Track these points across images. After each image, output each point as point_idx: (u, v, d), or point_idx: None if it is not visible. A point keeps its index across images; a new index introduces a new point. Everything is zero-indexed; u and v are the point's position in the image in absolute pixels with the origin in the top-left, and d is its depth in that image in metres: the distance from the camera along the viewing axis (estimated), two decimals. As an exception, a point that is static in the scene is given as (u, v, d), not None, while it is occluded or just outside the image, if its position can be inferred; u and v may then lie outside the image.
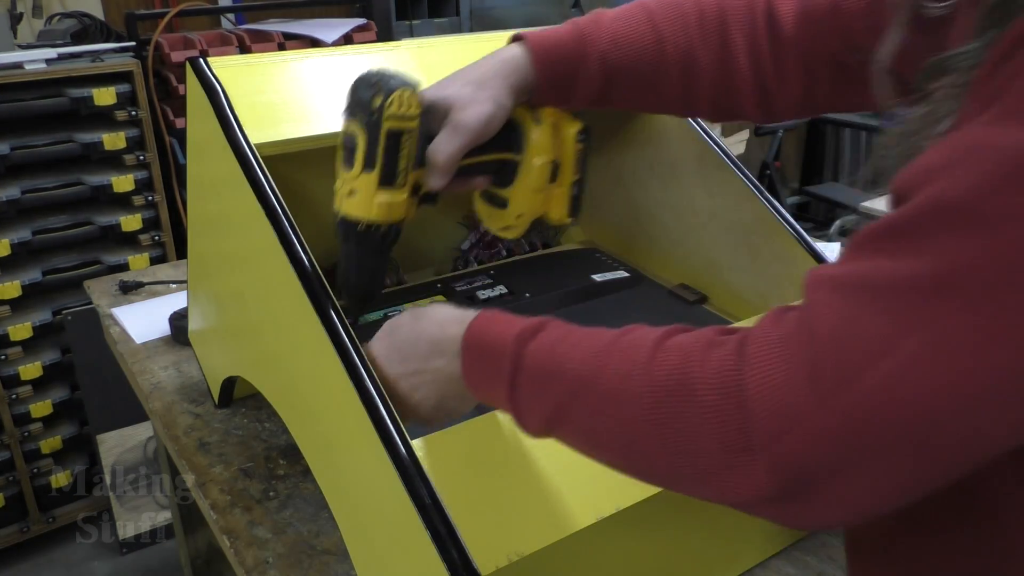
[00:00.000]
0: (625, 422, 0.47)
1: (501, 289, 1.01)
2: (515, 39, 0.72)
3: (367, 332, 0.90)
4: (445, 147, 0.67)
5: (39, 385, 1.99)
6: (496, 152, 0.71)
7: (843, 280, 0.40)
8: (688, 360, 0.44)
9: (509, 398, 0.54)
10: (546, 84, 0.70)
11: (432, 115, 0.68)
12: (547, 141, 0.72)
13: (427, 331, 0.62)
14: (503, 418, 0.67)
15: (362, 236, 0.68)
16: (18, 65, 1.85)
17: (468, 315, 0.60)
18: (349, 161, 0.67)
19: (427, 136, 0.68)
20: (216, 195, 0.87)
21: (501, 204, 0.75)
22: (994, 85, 0.38)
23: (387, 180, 0.66)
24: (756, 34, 0.71)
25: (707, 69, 0.71)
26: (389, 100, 0.64)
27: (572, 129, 0.73)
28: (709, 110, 0.76)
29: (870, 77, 0.54)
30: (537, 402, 0.53)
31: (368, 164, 0.65)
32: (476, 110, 0.67)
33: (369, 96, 0.64)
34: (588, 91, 0.72)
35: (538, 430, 0.55)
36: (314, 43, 2.20)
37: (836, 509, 0.41)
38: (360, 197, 0.67)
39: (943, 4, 0.50)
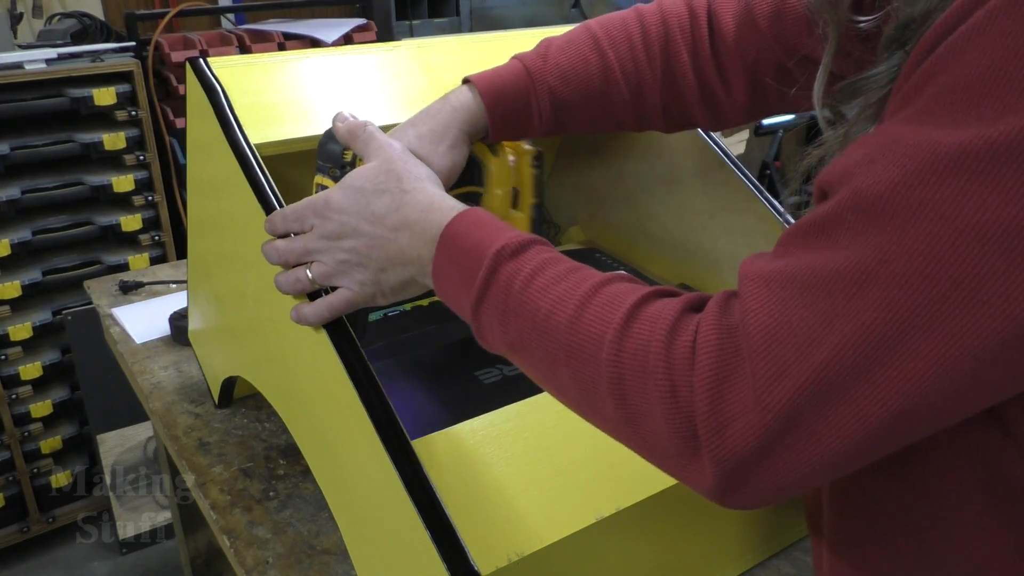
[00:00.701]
0: (588, 381, 0.48)
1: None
2: (465, 82, 0.73)
3: (368, 332, 0.90)
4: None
5: (39, 385, 1.99)
6: (461, 187, 0.74)
7: (771, 275, 0.42)
8: (653, 339, 0.45)
9: (473, 311, 0.54)
10: (499, 124, 0.72)
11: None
12: (505, 172, 0.75)
13: (409, 205, 0.60)
14: (503, 419, 0.67)
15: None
16: (18, 65, 1.85)
17: (456, 208, 0.59)
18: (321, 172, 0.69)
19: None
20: (216, 195, 0.87)
21: None
22: (909, 88, 0.39)
23: None
24: (699, 47, 0.73)
25: (654, 86, 0.74)
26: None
27: (527, 157, 0.76)
28: (663, 124, 0.77)
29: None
30: (501, 327, 0.53)
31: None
32: (436, 166, 0.67)
33: (339, 150, 0.67)
34: (540, 124, 0.74)
35: (495, 348, 0.55)
36: (314, 43, 2.20)
37: (773, 493, 0.43)
38: None
39: (869, 19, 0.51)
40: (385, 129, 0.69)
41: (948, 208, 0.35)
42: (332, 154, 0.67)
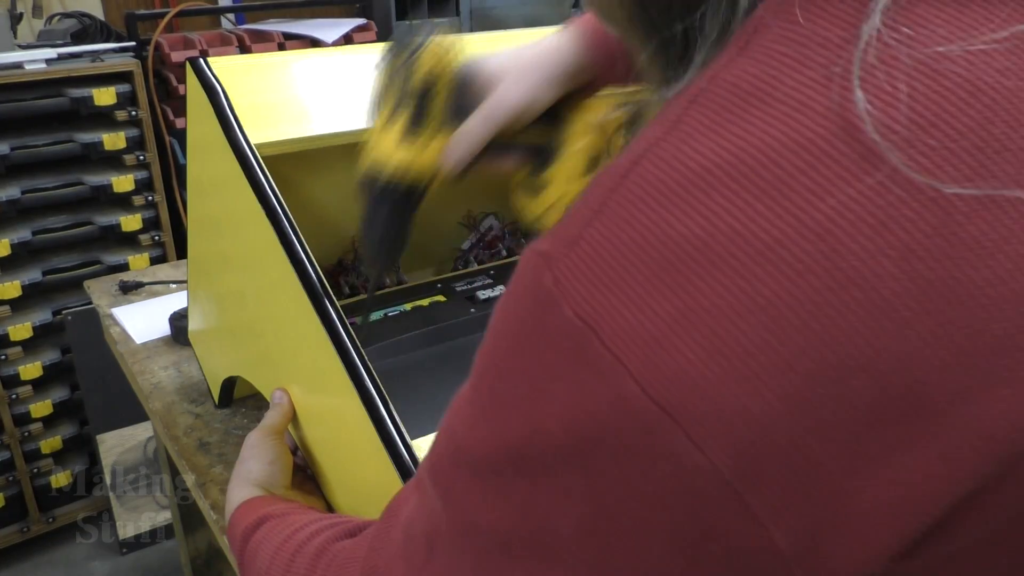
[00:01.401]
0: None
1: (501, 289, 1.01)
2: (568, 25, 0.69)
3: (368, 332, 0.90)
4: (478, 121, 0.64)
5: (39, 385, 1.99)
6: (535, 135, 0.68)
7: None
8: None
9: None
10: (601, 62, 0.67)
11: (473, 80, 0.64)
12: (588, 128, 0.69)
13: (233, 484, 0.73)
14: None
15: (383, 191, 0.65)
16: (18, 65, 1.85)
17: (242, 498, 0.70)
18: (378, 112, 0.64)
19: (458, 102, 0.64)
20: (216, 195, 0.87)
21: (537, 190, 0.71)
22: None
23: (413, 130, 0.63)
24: None
25: None
26: (429, 41, 0.61)
27: (614, 119, 0.70)
28: None
29: None
30: None
31: (397, 112, 0.62)
32: (513, 97, 0.64)
33: (409, 36, 0.61)
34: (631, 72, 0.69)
35: None
36: (314, 43, 2.20)
37: None
38: (384, 147, 0.63)
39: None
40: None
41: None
42: (400, 42, 0.62)
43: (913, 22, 0.27)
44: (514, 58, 0.67)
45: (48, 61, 1.89)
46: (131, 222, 2.01)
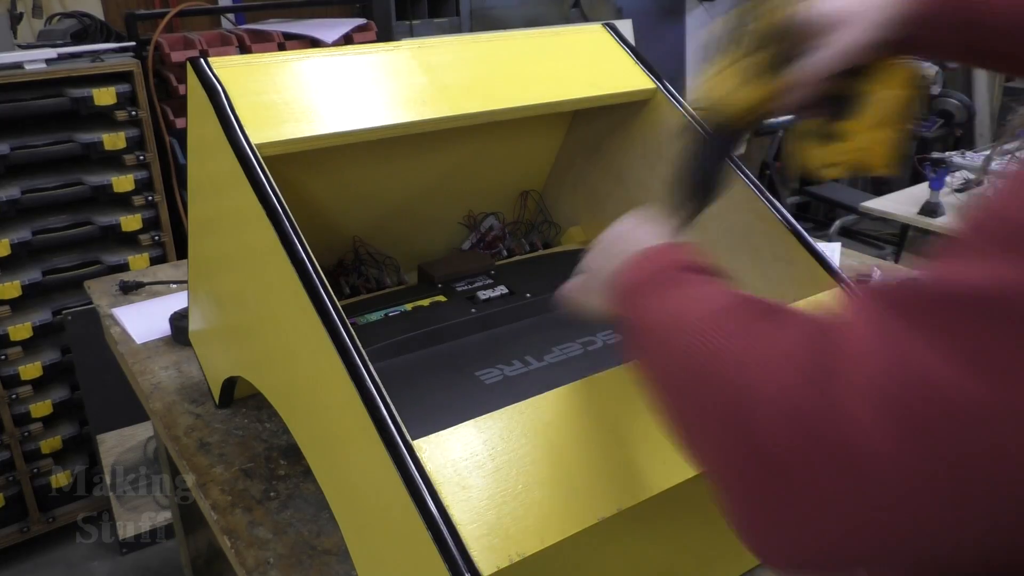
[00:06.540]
0: None
1: (502, 289, 1.01)
2: None
3: (368, 332, 0.90)
4: (816, 62, 0.66)
5: (39, 385, 1.99)
6: (842, 81, 0.69)
7: None
8: None
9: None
10: (943, 25, 0.66)
11: (810, 29, 0.67)
12: (898, 78, 0.70)
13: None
14: (504, 419, 0.67)
15: (720, 127, 0.69)
16: (18, 65, 1.85)
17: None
18: (721, 52, 0.68)
19: (795, 48, 0.67)
20: (217, 195, 0.87)
21: (835, 138, 0.73)
22: None
23: (757, 71, 0.67)
24: None
25: None
26: None
27: (916, 74, 0.71)
28: None
29: None
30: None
31: (739, 52, 0.67)
32: (857, 34, 0.65)
33: None
34: (986, 44, 0.66)
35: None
36: (314, 43, 2.20)
37: None
38: (725, 84, 0.68)
39: None
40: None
41: None
42: None
43: None
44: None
45: (48, 61, 1.89)
46: (131, 222, 2.01)
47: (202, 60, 0.81)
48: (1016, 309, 0.33)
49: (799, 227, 0.91)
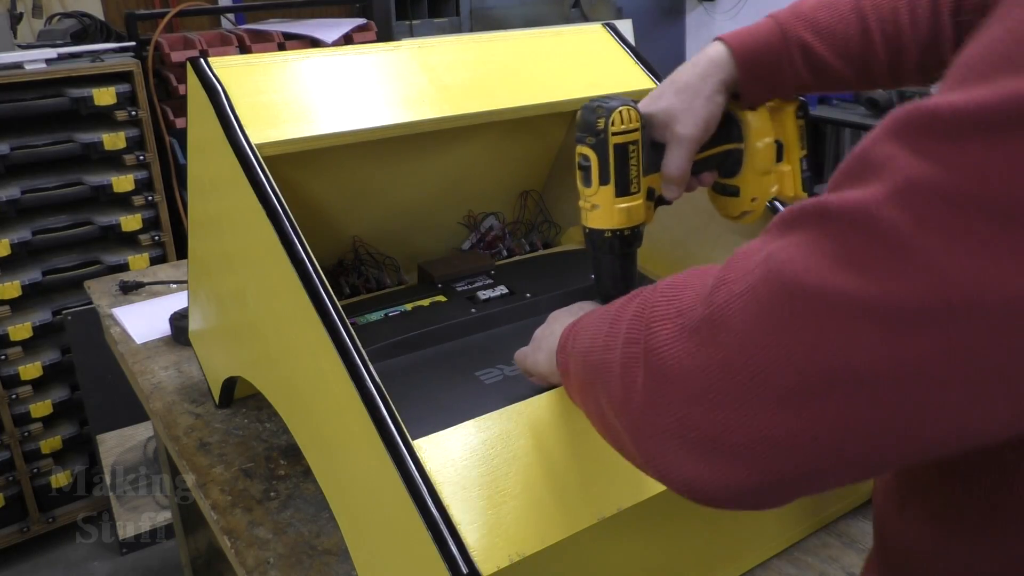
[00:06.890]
0: None
1: (502, 289, 1.01)
2: (716, 40, 0.74)
3: (368, 332, 0.90)
4: (675, 161, 0.73)
5: (39, 385, 1.99)
6: (719, 145, 0.75)
7: None
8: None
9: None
10: (751, 81, 0.72)
11: (652, 125, 0.73)
12: (766, 123, 0.76)
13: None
14: (504, 419, 0.67)
15: (609, 244, 0.75)
16: (18, 65, 1.85)
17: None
18: (587, 181, 0.73)
19: (651, 143, 0.73)
20: (217, 195, 0.87)
21: (733, 192, 0.79)
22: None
23: (622, 190, 0.72)
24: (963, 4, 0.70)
25: (914, 48, 0.71)
26: (611, 119, 0.70)
27: (789, 108, 0.76)
28: (919, 78, 0.75)
29: None
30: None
31: (603, 179, 0.72)
32: (693, 118, 0.71)
33: (593, 120, 0.71)
34: (793, 82, 0.73)
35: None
36: (314, 43, 2.20)
37: None
38: (602, 210, 0.73)
39: None
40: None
41: None
42: (588, 125, 0.71)
43: None
44: (675, 91, 0.73)
45: (48, 61, 1.89)
46: (131, 222, 2.01)
47: (202, 60, 0.81)
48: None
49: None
